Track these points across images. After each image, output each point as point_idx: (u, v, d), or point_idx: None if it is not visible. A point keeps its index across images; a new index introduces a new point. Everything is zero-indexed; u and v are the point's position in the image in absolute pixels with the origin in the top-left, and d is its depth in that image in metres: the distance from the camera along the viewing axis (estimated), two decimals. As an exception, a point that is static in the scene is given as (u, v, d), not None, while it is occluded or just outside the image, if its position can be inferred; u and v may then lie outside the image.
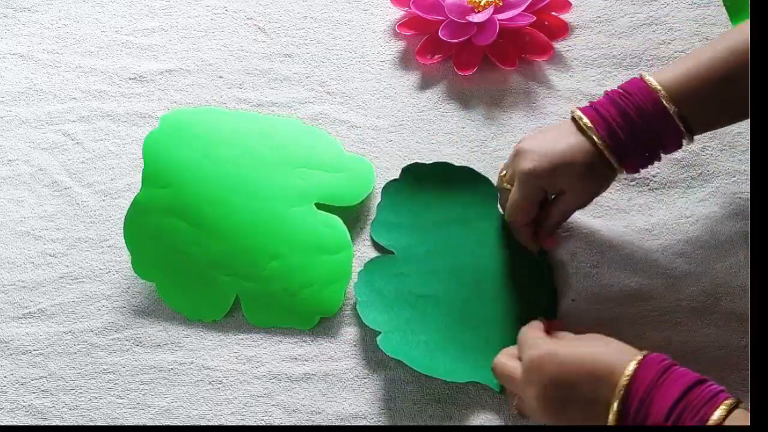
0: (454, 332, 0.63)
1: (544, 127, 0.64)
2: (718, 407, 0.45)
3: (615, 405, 0.47)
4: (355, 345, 0.65)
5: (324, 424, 0.62)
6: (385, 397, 0.62)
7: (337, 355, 0.64)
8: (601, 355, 0.50)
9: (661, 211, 0.68)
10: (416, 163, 0.69)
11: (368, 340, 0.64)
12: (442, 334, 0.63)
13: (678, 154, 0.70)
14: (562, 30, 0.76)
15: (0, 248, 0.70)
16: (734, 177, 0.69)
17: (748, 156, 0.70)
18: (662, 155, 0.59)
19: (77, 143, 0.75)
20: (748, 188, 0.68)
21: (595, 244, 0.67)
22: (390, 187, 0.69)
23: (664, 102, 0.56)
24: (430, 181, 0.68)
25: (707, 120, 0.58)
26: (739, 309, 0.64)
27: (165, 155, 0.68)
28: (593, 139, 0.57)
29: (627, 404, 0.47)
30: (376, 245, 0.68)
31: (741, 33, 0.56)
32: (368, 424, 0.61)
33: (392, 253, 0.66)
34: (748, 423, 0.44)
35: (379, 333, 0.62)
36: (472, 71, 0.74)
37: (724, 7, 0.77)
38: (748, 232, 0.66)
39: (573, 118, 0.59)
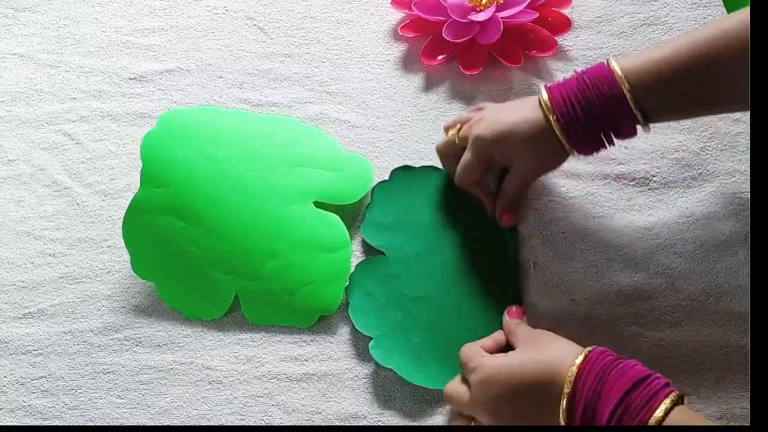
0: (446, 334, 0.63)
1: (514, 100, 0.66)
2: (660, 403, 0.47)
3: (563, 404, 0.49)
4: (355, 345, 0.65)
5: (324, 424, 0.62)
6: (385, 397, 0.62)
7: (337, 355, 0.64)
8: (546, 358, 0.52)
9: (661, 210, 0.68)
10: (406, 165, 0.70)
11: (368, 339, 0.64)
12: (434, 336, 0.63)
13: (678, 154, 0.70)
14: (565, 25, 0.76)
15: (0, 248, 0.70)
16: (734, 177, 0.69)
17: (748, 156, 0.70)
18: (616, 141, 0.60)
19: (77, 143, 0.75)
20: (748, 188, 0.68)
21: (595, 244, 0.67)
22: (379, 188, 0.69)
23: (623, 87, 0.57)
24: (419, 184, 0.69)
25: (664, 109, 0.58)
26: (739, 309, 0.64)
27: (163, 155, 0.68)
28: (546, 114, 0.59)
29: (574, 404, 0.49)
30: (366, 245, 0.68)
31: (708, 26, 0.56)
32: (368, 424, 0.61)
33: (382, 254, 0.66)
34: (689, 421, 0.47)
35: (371, 339, 0.63)
36: (477, 70, 0.74)
37: (724, 7, 0.77)
38: (748, 232, 0.66)
39: (538, 94, 0.61)
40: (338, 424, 0.62)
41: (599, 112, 0.58)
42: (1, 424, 0.63)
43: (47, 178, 0.73)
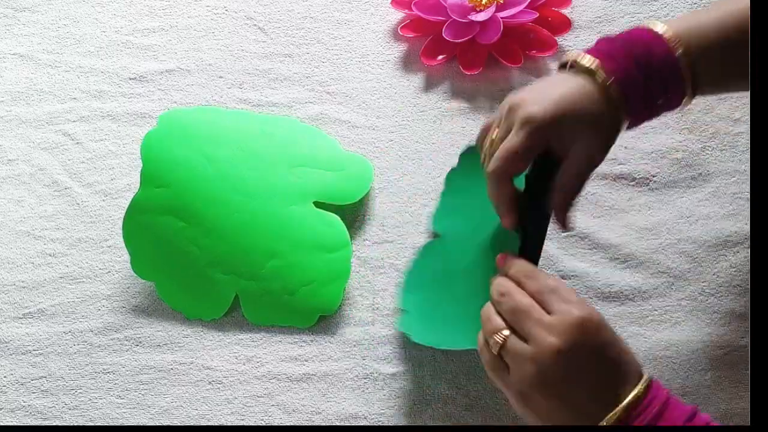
0: (478, 302, 0.55)
1: (541, 79, 0.55)
2: None
3: (609, 422, 0.44)
4: (355, 345, 0.65)
5: (324, 424, 0.62)
6: (385, 397, 0.62)
7: (337, 355, 0.64)
8: (626, 361, 0.46)
9: (661, 210, 0.68)
10: (471, 146, 0.66)
11: (368, 340, 0.64)
12: (468, 304, 0.58)
13: (678, 154, 0.70)
14: (565, 25, 0.76)
15: (0, 248, 0.70)
16: (734, 177, 0.69)
17: (748, 156, 0.70)
18: (663, 113, 0.53)
19: (77, 143, 0.75)
20: (748, 188, 0.68)
21: (595, 244, 0.67)
22: (452, 174, 0.67)
23: (676, 47, 0.50)
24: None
25: (713, 77, 0.52)
26: (739, 309, 0.64)
27: (163, 154, 0.68)
28: (600, 78, 0.50)
29: (636, 411, 0.44)
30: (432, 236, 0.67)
31: None
32: (368, 424, 0.61)
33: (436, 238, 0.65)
34: None
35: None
36: (478, 70, 0.74)
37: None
38: (748, 232, 0.66)
39: (568, 65, 0.52)
40: (338, 424, 0.62)
41: (655, 77, 0.50)
42: (1, 424, 0.63)
43: (47, 178, 0.73)
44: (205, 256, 0.66)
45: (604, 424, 0.44)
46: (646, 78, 0.50)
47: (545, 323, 0.46)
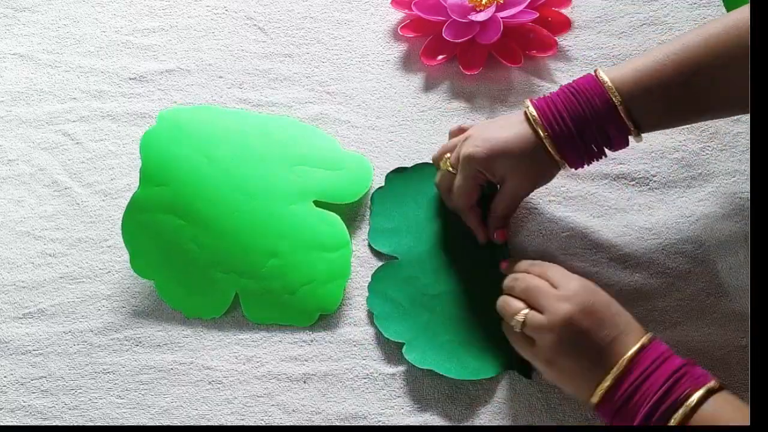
0: (475, 324, 0.63)
1: (497, 117, 0.66)
2: (699, 389, 0.50)
3: (614, 373, 0.51)
4: (355, 345, 0.65)
5: (324, 424, 0.62)
6: (385, 397, 0.62)
7: (337, 355, 0.64)
8: (625, 317, 0.54)
9: (661, 210, 0.68)
10: (398, 168, 0.70)
11: (368, 340, 0.64)
12: (465, 329, 0.63)
13: (678, 154, 0.70)
14: (564, 25, 0.76)
15: (0, 248, 0.70)
16: (734, 177, 0.69)
17: (748, 156, 0.70)
18: (608, 152, 0.60)
19: (77, 143, 0.75)
20: (748, 188, 0.68)
21: (595, 244, 0.67)
22: (378, 195, 0.69)
23: (613, 97, 0.57)
24: (415, 182, 0.69)
25: (656, 118, 0.58)
26: (739, 309, 0.64)
27: (163, 153, 0.68)
28: (537, 129, 0.59)
29: (626, 374, 0.51)
30: (376, 253, 0.68)
31: (697, 32, 0.57)
32: (368, 424, 0.61)
33: (395, 258, 0.66)
34: (726, 404, 0.50)
35: (403, 344, 0.63)
36: (478, 70, 0.74)
37: (724, 7, 0.77)
38: (748, 232, 0.66)
39: (525, 110, 0.61)
40: (338, 424, 0.62)
41: (590, 125, 0.58)
42: (1, 424, 0.63)
43: (47, 178, 0.73)
44: (204, 254, 0.66)
45: (609, 381, 0.51)
46: (580, 129, 0.58)
47: (555, 295, 0.54)
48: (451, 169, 0.63)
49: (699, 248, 0.66)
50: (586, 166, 0.61)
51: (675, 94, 0.57)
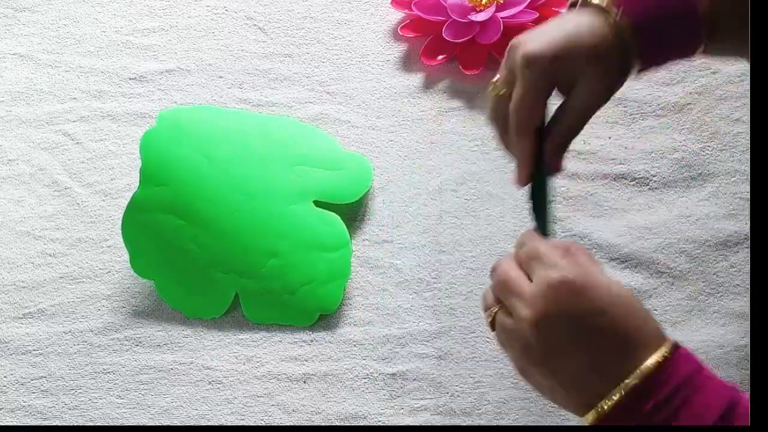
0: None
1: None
2: None
3: (618, 393, 0.39)
4: (355, 345, 0.65)
5: (324, 424, 0.62)
6: (385, 397, 0.62)
7: (337, 355, 0.64)
8: (634, 326, 0.41)
9: (661, 210, 0.68)
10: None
11: (368, 340, 0.64)
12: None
13: (678, 154, 0.70)
14: None
15: (0, 248, 0.70)
16: (734, 177, 0.69)
17: (748, 156, 0.70)
18: (674, 60, 0.50)
19: (77, 143, 0.75)
20: (748, 188, 0.68)
21: (595, 244, 0.67)
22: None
23: None
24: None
25: (731, 27, 0.48)
26: (739, 309, 0.64)
27: (163, 153, 0.68)
28: (611, 16, 0.47)
29: (640, 397, 0.39)
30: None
31: None
32: (368, 424, 0.61)
33: None
34: None
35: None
36: (477, 71, 0.74)
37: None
38: (748, 232, 0.66)
39: (579, 3, 0.49)
40: (338, 424, 0.62)
41: (672, 17, 0.47)
42: (1, 424, 0.63)
43: (47, 178, 0.73)
44: (204, 255, 0.66)
45: (617, 395, 0.39)
46: (662, 18, 0.47)
47: (523, 294, 0.43)
48: (503, 90, 0.49)
49: (699, 248, 0.66)
50: (659, 66, 0.49)
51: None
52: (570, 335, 0.41)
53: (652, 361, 0.39)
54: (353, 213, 0.70)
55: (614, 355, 0.40)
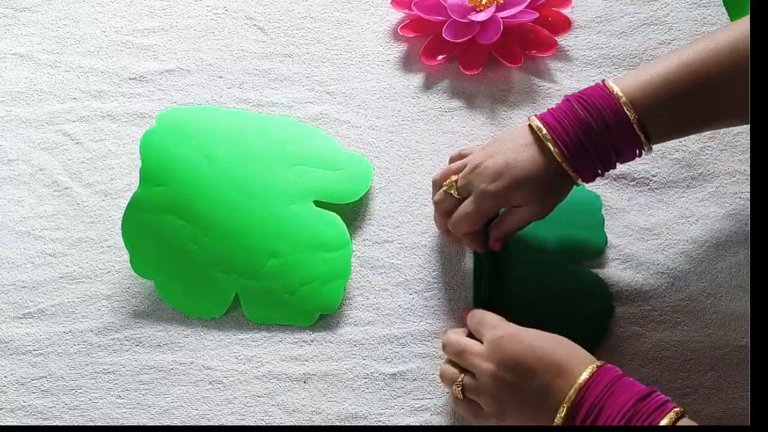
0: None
1: (499, 136, 0.62)
2: (665, 416, 0.47)
3: (566, 405, 0.49)
4: (355, 345, 0.65)
5: (324, 424, 0.62)
6: (385, 397, 0.62)
7: (337, 355, 0.64)
8: (565, 351, 0.52)
9: (661, 211, 0.68)
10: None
11: (368, 340, 0.64)
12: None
13: (678, 154, 0.70)
14: (565, 25, 0.76)
15: (0, 248, 0.70)
16: (734, 177, 0.69)
17: (748, 156, 0.70)
18: (617, 164, 0.58)
19: (77, 143, 0.75)
20: (748, 188, 0.68)
21: (595, 244, 0.67)
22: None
23: (625, 109, 0.55)
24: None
25: (667, 129, 0.57)
26: (739, 309, 0.64)
27: (162, 153, 0.68)
28: (551, 151, 0.56)
29: (578, 406, 0.49)
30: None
31: (708, 39, 0.55)
32: (368, 424, 0.61)
33: None
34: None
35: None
36: (477, 71, 0.74)
37: (724, 7, 0.77)
38: (748, 232, 0.66)
39: (530, 127, 0.58)
40: (338, 424, 0.62)
41: (602, 139, 0.56)
42: (1, 424, 0.63)
43: (47, 178, 0.73)
44: (204, 255, 0.66)
45: (564, 407, 0.49)
46: (591, 144, 0.56)
47: (479, 354, 0.54)
48: (455, 193, 0.60)
49: (699, 248, 0.66)
50: (595, 180, 0.59)
51: (685, 105, 0.55)
52: (522, 371, 0.51)
53: (584, 375, 0.50)
54: (353, 213, 0.70)
55: (557, 377, 0.50)
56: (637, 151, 0.57)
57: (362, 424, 0.61)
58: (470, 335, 0.58)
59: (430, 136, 0.73)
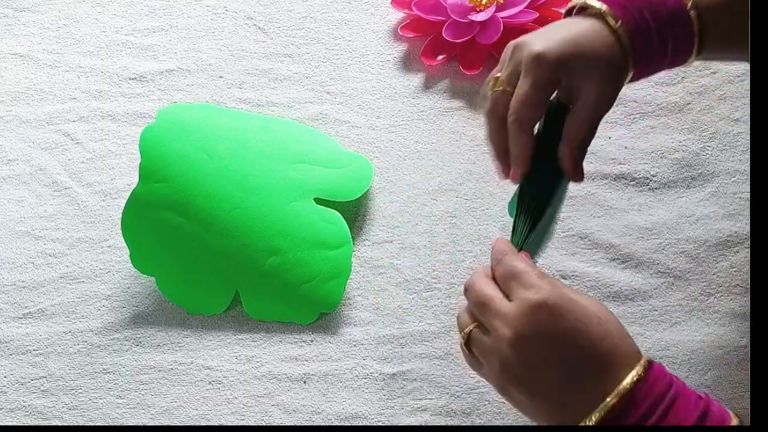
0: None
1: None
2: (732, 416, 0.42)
3: (597, 414, 0.40)
4: (355, 345, 0.65)
5: (324, 424, 0.62)
6: (385, 397, 0.62)
7: (337, 355, 0.64)
8: (612, 344, 0.42)
9: (661, 210, 0.68)
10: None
11: (368, 340, 0.64)
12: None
13: (678, 154, 0.70)
14: None
15: (0, 248, 0.70)
16: (734, 177, 0.69)
17: (748, 156, 0.70)
18: (664, 69, 0.51)
19: (77, 143, 0.75)
20: (748, 188, 0.68)
21: (595, 244, 0.67)
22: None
23: (689, 5, 0.49)
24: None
25: (721, 37, 0.50)
26: (739, 309, 0.64)
27: (162, 150, 0.68)
28: (609, 21, 0.48)
29: (628, 407, 0.40)
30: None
31: None
32: (368, 424, 0.61)
33: None
34: None
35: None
36: (477, 71, 0.74)
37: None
38: (748, 232, 0.66)
39: (578, 9, 0.50)
40: (338, 424, 0.62)
41: (663, 24, 0.48)
42: (1, 424, 0.63)
43: (47, 178, 0.73)
44: (205, 252, 0.66)
45: (597, 415, 0.40)
46: (655, 27, 0.48)
47: (502, 313, 0.44)
48: (507, 87, 0.49)
49: (699, 248, 0.66)
50: (646, 77, 0.51)
51: (745, 17, 0.48)
52: (550, 355, 0.42)
53: (628, 380, 0.41)
54: (354, 213, 0.70)
55: (593, 375, 0.41)
56: (690, 52, 0.50)
57: (362, 424, 0.61)
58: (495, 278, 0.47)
59: (430, 136, 0.73)
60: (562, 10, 0.76)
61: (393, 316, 0.65)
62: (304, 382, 0.63)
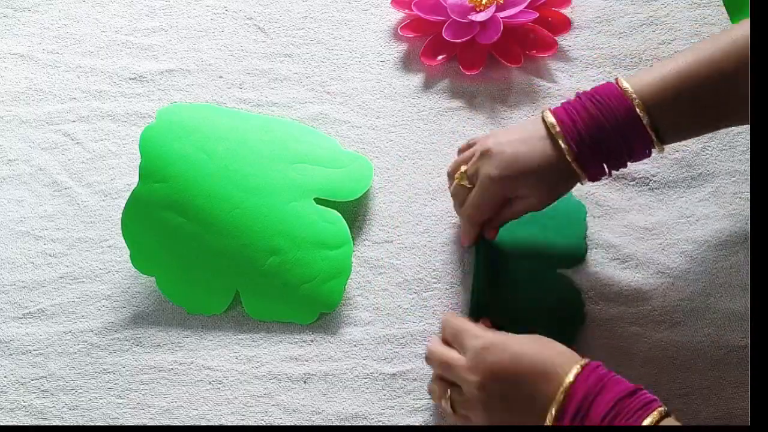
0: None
1: (512, 126, 0.63)
2: (649, 414, 0.47)
3: (554, 408, 0.49)
4: (355, 345, 0.65)
5: (324, 424, 0.62)
6: (385, 397, 0.62)
7: (337, 355, 0.64)
8: (550, 354, 0.51)
9: (661, 210, 0.68)
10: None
11: (368, 340, 0.64)
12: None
13: (678, 154, 0.70)
14: (565, 25, 0.76)
15: (0, 248, 0.70)
16: (734, 177, 0.69)
17: (748, 156, 0.70)
18: (628, 164, 0.58)
19: (77, 143, 0.75)
20: (748, 188, 0.68)
21: (595, 244, 0.67)
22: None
23: (638, 110, 0.55)
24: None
25: (677, 128, 0.56)
26: (739, 309, 0.64)
27: (162, 150, 0.67)
28: (561, 146, 0.56)
29: (566, 407, 0.49)
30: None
31: (718, 38, 0.55)
32: (368, 424, 0.61)
33: None
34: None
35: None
36: (477, 71, 0.74)
37: (724, 7, 0.77)
38: (748, 232, 0.66)
39: (543, 121, 0.58)
40: (338, 424, 0.62)
41: (612, 137, 0.56)
42: (1, 424, 0.63)
43: (47, 178, 0.73)
44: (205, 251, 0.66)
45: (552, 414, 0.49)
46: (602, 143, 0.56)
47: (463, 365, 0.53)
48: (467, 183, 0.61)
49: (699, 248, 0.66)
50: (609, 176, 0.59)
51: (697, 103, 0.55)
52: (509, 379, 0.51)
53: (570, 377, 0.49)
54: (354, 213, 0.70)
55: (543, 381, 0.50)
56: (647, 151, 0.57)
57: (362, 424, 0.61)
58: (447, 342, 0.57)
59: (430, 136, 0.73)
60: (563, 10, 0.77)
61: (393, 316, 0.65)
62: (305, 382, 0.63)
